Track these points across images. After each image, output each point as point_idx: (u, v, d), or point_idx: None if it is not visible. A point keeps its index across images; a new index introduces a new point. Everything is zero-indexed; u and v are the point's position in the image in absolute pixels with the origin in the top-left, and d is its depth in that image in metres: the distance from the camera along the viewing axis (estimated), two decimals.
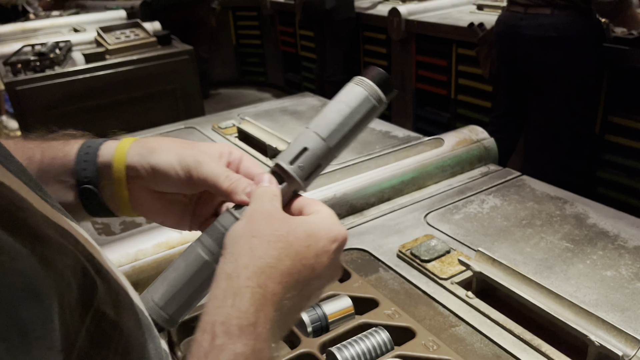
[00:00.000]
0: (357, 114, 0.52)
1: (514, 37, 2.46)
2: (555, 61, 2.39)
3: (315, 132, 0.52)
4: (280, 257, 0.43)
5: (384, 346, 0.77)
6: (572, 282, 0.93)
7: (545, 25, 2.33)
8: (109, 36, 2.97)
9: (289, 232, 0.45)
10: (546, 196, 1.22)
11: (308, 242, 0.45)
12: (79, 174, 0.55)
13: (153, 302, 0.50)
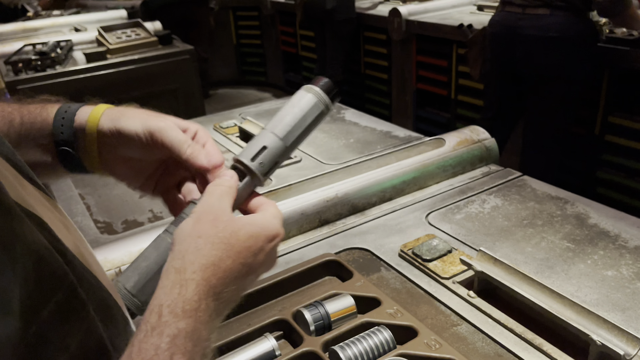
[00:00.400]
0: (309, 118, 0.61)
1: (512, 37, 2.47)
2: (555, 61, 2.40)
3: (273, 132, 0.59)
4: (222, 257, 0.49)
5: (387, 345, 0.77)
6: (573, 282, 0.93)
7: (546, 26, 2.34)
8: (110, 35, 2.98)
9: (232, 234, 0.51)
10: (547, 196, 1.22)
11: (249, 244, 0.51)
12: (56, 137, 0.61)
13: (125, 290, 0.54)
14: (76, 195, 1.33)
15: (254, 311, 0.90)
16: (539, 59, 2.44)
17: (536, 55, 2.43)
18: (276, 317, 0.84)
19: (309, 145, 1.56)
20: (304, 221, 1.15)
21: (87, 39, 3.23)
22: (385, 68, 4.00)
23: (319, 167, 1.42)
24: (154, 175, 0.64)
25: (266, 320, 0.84)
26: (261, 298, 0.92)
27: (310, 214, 1.16)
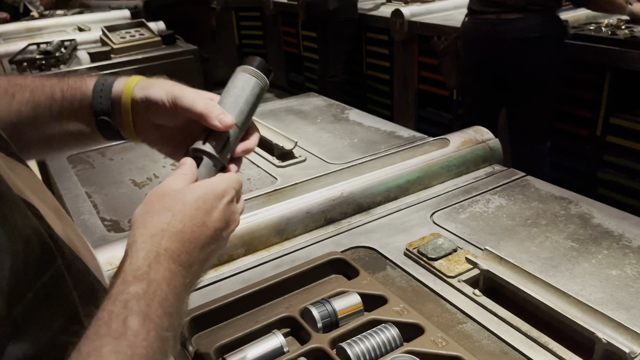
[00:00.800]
0: (251, 97, 0.65)
1: (490, 42, 2.52)
2: (537, 61, 2.47)
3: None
4: (170, 222, 0.52)
5: (394, 342, 0.78)
6: (578, 281, 0.94)
7: (524, 27, 2.42)
8: (114, 35, 2.98)
9: (177, 201, 0.54)
10: (551, 196, 1.23)
11: (197, 205, 0.54)
12: (95, 107, 0.66)
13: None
14: (83, 194, 1.34)
15: (261, 308, 0.91)
16: (521, 60, 2.49)
17: (517, 57, 2.49)
18: (284, 314, 0.85)
19: (313, 145, 1.57)
20: (310, 220, 1.16)
21: (91, 38, 3.24)
22: (387, 69, 4.01)
23: (323, 166, 1.43)
24: (183, 143, 0.67)
25: (274, 317, 0.84)
26: (268, 295, 0.92)
27: (315, 213, 1.16)
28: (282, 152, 1.47)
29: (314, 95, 2.08)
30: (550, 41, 2.44)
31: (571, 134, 2.87)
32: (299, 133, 1.66)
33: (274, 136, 1.51)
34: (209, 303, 0.87)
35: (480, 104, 2.77)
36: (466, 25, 2.67)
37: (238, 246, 1.06)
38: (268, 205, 1.14)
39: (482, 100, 2.76)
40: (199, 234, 0.53)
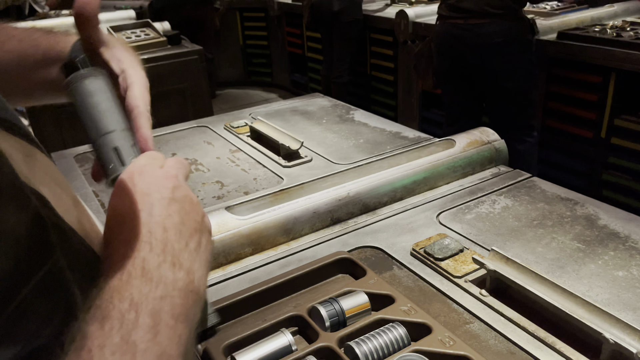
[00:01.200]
0: (111, 95, 0.60)
1: (459, 47, 2.64)
2: (504, 63, 2.59)
3: (107, 132, 0.57)
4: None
5: (401, 341, 0.79)
6: (584, 282, 0.94)
7: (490, 33, 2.53)
8: (120, 36, 3.00)
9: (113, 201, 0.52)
10: (557, 197, 1.23)
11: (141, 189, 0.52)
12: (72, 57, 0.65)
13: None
14: (90, 193, 1.35)
15: (268, 307, 0.91)
16: (489, 64, 2.60)
17: (486, 61, 2.60)
18: (291, 313, 0.86)
19: (319, 145, 1.58)
20: (316, 220, 1.16)
21: None
22: (391, 70, 4.02)
23: (329, 166, 1.43)
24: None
25: (281, 316, 0.85)
26: (276, 294, 0.93)
27: (322, 213, 1.17)
28: (288, 152, 1.48)
29: (320, 96, 2.09)
30: (515, 44, 2.56)
31: (576, 136, 2.87)
32: (304, 133, 1.67)
33: (280, 136, 1.52)
34: (217, 302, 0.88)
35: (457, 105, 2.89)
36: (437, 30, 2.77)
37: (245, 245, 1.07)
38: (275, 205, 1.14)
39: (458, 101, 2.87)
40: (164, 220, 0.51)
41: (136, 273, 0.44)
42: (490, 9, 2.49)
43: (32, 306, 0.38)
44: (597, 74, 2.68)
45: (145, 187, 0.51)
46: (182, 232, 0.50)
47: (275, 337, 0.79)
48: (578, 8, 3.33)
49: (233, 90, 5.81)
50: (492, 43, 2.54)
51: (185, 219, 0.51)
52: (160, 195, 0.51)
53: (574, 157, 2.92)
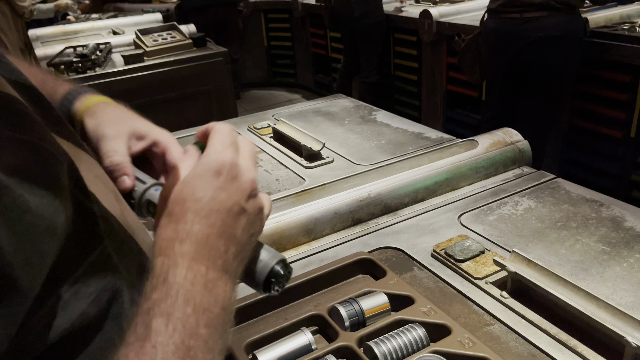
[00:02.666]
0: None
1: (513, 41, 2.61)
2: (557, 58, 2.56)
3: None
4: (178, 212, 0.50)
5: (420, 342, 0.79)
6: (609, 285, 0.93)
7: (548, 26, 2.50)
8: (147, 38, 3.06)
9: (179, 192, 0.51)
10: (581, 199, 1.22)
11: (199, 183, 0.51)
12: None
13: None
14: None
15: (290, 306, 0.93)
16: (542, 58, 2.57)
17: (539, 55, 2.57)
18: (312, 312, 0.87)
19: (341, 146, 1.58)
20: (337, 220, 1.17)
21: (125, 41, 3.32)
22: (415, 69, 4.00)
23: (351, 167, 1.44)
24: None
25: (302, 315, 0.86)
26: (297, 294, 0.94)
27: (343, 214, 1.18)
28: (310, 153, 1.49)
29: (342, 97, 2.10)
30: (570, 40, 2.53)
31: (605, 136, 2.82)
32: (326, 134, 1.68)
33: (302, 137, 1.53)
34: (240, 300, 0.89)
35: (502, 100, 2.89)
36: (487, 25, 2.76)
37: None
38: (297, 205, 1.16)
39: (503, 96, 2.88)
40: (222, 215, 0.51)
41: (200, 280, 0.46)
42: (552, 2, 2.47)
43: (83, 287, 0.42)
44: (626, 72, 2.62)
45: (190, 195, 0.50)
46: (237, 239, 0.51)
47: (296, 336, 0.80)
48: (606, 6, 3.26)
49: (257, 91, 5.86)
50: (551, 36, 2.50)
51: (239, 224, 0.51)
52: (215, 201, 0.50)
53: (603, 157, 2.86)
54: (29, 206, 0.36)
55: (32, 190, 0.37)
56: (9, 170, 0.35)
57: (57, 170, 0.41)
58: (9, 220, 0.34)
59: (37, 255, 0.36)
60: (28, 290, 0.35)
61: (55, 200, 0.39)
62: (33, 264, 0.36)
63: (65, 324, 0.40)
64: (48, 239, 0.37)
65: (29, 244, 0.35)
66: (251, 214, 0.52)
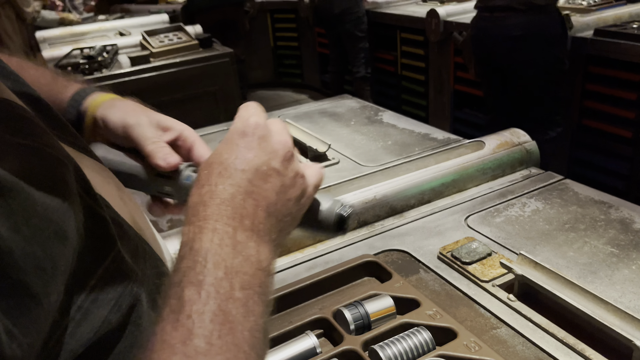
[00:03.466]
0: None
1: (486, 38, 2.82)
2: (522, 56, 2.69)
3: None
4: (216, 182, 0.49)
5: (426, 345, 0.78)
6: (617, 288, 0.92)
7: (510, 26, 2.65)
8: (153, 39, 3.07)
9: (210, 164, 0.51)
10: (590, 200, 1.20)
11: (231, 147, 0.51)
12: (66, 116, 0.67)
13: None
14: None
15: (294, 309, 0.92)
16: (510, 56, 2.73)
17: (507, 53, 2.73)
18: (317, 315, 0.86)
19: (347, 147, 1.58)
20: None
21: (132, 42, 3.33)
22: (422, 69, 3.98)
23: (357, 168, 1.43)
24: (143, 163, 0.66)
25: (307, 318, 0.86)
26: (302, 296, 0.94)
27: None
28: (316, 155, 1.49)
29: (348, 98, 2.09)
30: (535, 39, 2.62)
31: (614, 136, 2.79)
32: (332, 135, 1.68)
33: (307, 138, 1.53)
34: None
35: (491, 95, 3.04)
36: (472, 22, 2.95)
37: None
38: None
39: (492, 92, 3.02)
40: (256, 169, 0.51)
41: (228, 241, 0.44)
42: (514, 4, 2.60)
43: (101, 294, 0.41)
44: (635, 71, 2.60)
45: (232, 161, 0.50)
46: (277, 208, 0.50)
47: (301, 339, 0.80)
48: (615, 4, 3.23)
49: (264, 91, 5.86)
50: (513, 36, 2.64)
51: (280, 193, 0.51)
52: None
53: (612, 157, 2.83)
54: (36, 210, 0.35)
55: (38, 194, 0.36)
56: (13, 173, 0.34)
57: (63, 173, 0.40)
58: (16, 224, 0.33)
59: (48, 260, 0.35)
60: (42, 296, 0.34)
61: (64, 204, 0.38)
62: (45, 269, 0.35)
63: (89, 333, 0.39)
64: (58, 244, 0.36)
65: (39, 248, 0.34)
66: (286, 176, 0.50)
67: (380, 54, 4.42)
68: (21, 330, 0.32)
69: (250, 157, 0.49)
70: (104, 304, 0.41)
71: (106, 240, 0.44)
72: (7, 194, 0.33)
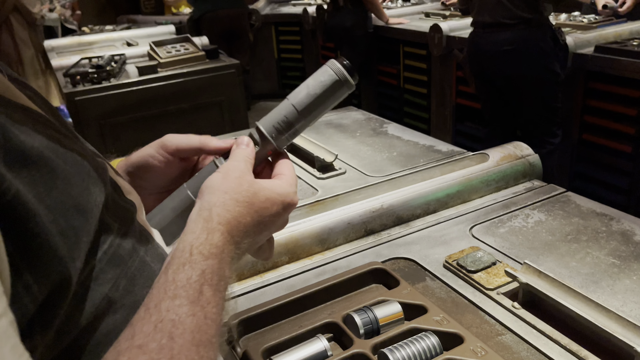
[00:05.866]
0: (327, 93, 0.64)
1: (480, 54, 2.91)
2: (512, 70, 2.78)
3: (291, 102, 0.64)
4: (243, 213, 0.55)
5: (434, 350, 0.81)
6: (619, 297, 0.94)
7: (499, 41, 2.75)
8: (161, 50, 3.11)
9: (253, 194, 0.57)
10: (592, 212, 1.23)
11: (266, 205, 0.58)
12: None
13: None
14: None
15: (304, 314, 0.95)
16: (501, 71, 2.82)
17: (499, 68, 2.82)
18: (327, 319, 0.89)
19: (353, 157, 1.61)
20: (350, 230, 1.19)
21: (139, 53, 3.38)
22: (424, 83, 4.03)
23: (363, 179, 1.46)
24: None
25: (317, 322, 0.88)
26: (311, 302, 0.96)
27: (356, 224, 1.20)
28: (323, 165, 1.52)
29: (354, 109, 2.13)
30: (525, 53, 2.70)
31: (614, 151, 2.82)
32: (338, 146, 1.71)
33: (314, 149, 1.56)
34: (256, 307, 0.92)
35: (489, 109, 3.13)
36: (468, 39, 3.04)
37: (282, 254, 1.11)
38: (311, 215, 1.18)
39: (490, 105, 3.11)
40: (257, 231, 0.58)
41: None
42: (502, 19, 2.69)
43: (102, 274, 0.44)
44: (635, 87, 2.64)
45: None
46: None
47: (312, 342, 0.82)
48: (616, 22, 3.28)
49: (267, 102, 5.91)
50: (501, 51, 2.73)
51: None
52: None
53: (613, 172, 2.86)
54: (56, 184, 0.39)
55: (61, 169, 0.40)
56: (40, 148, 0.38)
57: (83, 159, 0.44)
58: (39, 194, 0.36)
59: (70, 230, 0.38)
60: (69, 260, 0.37)
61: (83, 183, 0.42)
62: (69, 237, 0.38)
63: (91, 307, 0.42)
64: (79, 217, 0.40)
65: (61, 218, 0.38)
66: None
67: (383, 67, 4.47)
68: (40, 288, 0.35)
69: (273, 223, 0.60)
70: (104, 282, 0.44)
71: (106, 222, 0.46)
72: (31, 165, 0.37)
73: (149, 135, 0.71)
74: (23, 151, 0.37)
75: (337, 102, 0.65)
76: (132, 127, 2.83)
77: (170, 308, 0.44)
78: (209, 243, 0.51)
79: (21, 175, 0.36)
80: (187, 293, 0.46)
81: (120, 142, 2.75)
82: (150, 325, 0.43)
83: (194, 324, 0.44)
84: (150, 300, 0.45)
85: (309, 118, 0.64)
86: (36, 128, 0.41)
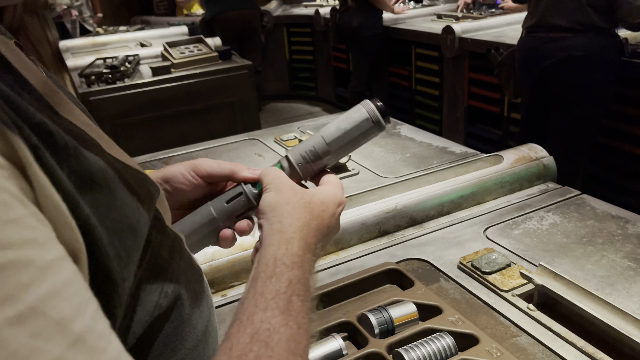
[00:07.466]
0: (357, 130, 0.65)
1: (540, 59, 2.70)
2: (580, 79, 2.59)
3: (321, 135, 0.66)
4: (310, 218, 0.58)
5: (449, 350, 0.81)
6: (635, 300, 0.94)
7: (570, 46, 2.57)
8: (174, 51, 3.14)
9: (310, 200, 0.59)
10: (607, 215, 1.23)
11: (323, 208, 0.60)
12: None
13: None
14: None
15: (319, 313, 0.95)
16: (564, 78, 2.62)
17: (562, 74, 2.62)
18: (342, 319, 0.89)
19: (366, 158, 1.61)
20: (364, 231, 1.20)
21: (153, 53, 3.41)
22: (436, 84, 4.02)
23: (376, 180, 1.47)
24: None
25: (332, 321, 0.89)
26: (326, 301, 0.97)
27: (370, 225, 1.20)
28: (336, 166, 1.52)
29: None
30: (595, 60, 2.54)
31: (630, 154, 2.80)
32: None
33: None
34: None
35: (532, 115, 2.94)
36: (520, 42, 2.84)
37: None
38: None
39: (533, 111, 2.92)
40: (325, 233, 0.60)
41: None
42: (576, 24, 2.54)
43: (148, 285, 0.46)
44: None
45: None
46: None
47: (327, 341, 0.83)
48: None
49: (278, 103, 5.93)
50: (572, 56, 2.56)
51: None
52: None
53: (628, 175, 2.84)
54: (115, 205, 0.40)
55: (118, 191, 0.41)
56: (102, 167, 0.39)
57: (138, 179, 0.46)
58: (100, 216, 0.37)
59: (123, 250, 0.39)
60: (120, 281, 0.38)
61: (136, 203, 0.43)
62: (122, 258, 0.39)
63: (145, 316, 0.44)
64: (131, 237, 0.41)
65: (117, 239, 0.39)
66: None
67: (394, 69, 4.47)
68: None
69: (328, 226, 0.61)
70: (152, 292, 0.46)
71: (159, 230, 0.48)
72: (95, 187, 0.38)
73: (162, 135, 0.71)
74: (90, 173, 0.38)
75: (366, 141, 0.67)
76: (146, 127, 2.86)
77: (264, 319, 0.46)
78: (290, 253, 0.53)
79: (86, 198, 0.36)
80: (277, 304, 0.47)
81: (133, 142, 2.78)
82: (247, 336, 0.44)
83: (288, 333, 0.46)
84: (242, 314, 0.47)
85: (337, 151, 0.66)
86: (94, 143, 0.41)
